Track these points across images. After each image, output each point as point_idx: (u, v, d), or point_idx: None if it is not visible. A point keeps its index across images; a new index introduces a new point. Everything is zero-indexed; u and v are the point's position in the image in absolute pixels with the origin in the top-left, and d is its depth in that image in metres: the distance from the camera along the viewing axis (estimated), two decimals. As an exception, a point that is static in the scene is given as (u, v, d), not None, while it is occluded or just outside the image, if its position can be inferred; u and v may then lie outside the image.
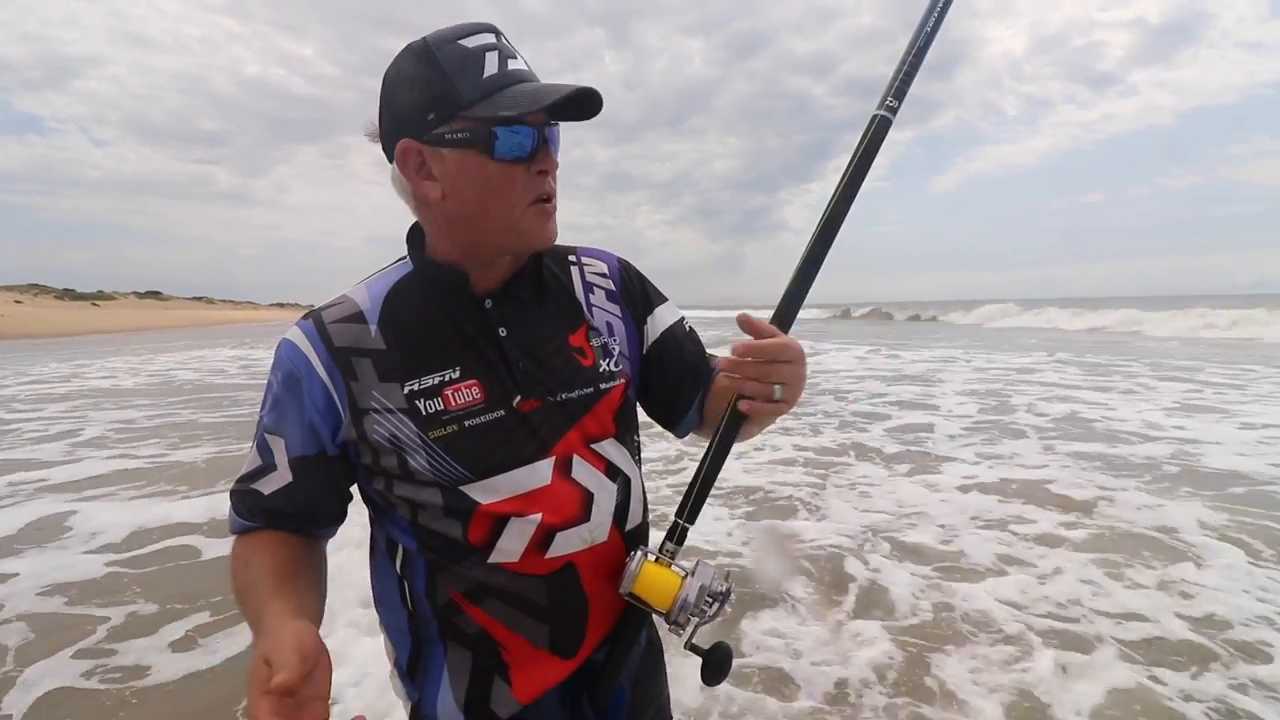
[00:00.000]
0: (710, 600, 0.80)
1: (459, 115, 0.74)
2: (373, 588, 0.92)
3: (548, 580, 0.83)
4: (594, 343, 0.90)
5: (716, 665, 0.83)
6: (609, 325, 0.93)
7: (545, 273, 0.91)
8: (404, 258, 0.88)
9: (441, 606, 0.84)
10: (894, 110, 0.85)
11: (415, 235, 0.87)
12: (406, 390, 0.79)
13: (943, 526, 3.93)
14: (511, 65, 0.76)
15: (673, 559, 0.84)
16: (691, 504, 0.85)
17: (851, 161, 0.85)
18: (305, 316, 0.83)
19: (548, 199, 0.81)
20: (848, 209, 0.85)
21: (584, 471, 0.85)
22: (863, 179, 0.86)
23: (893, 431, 6.64)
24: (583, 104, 0.77)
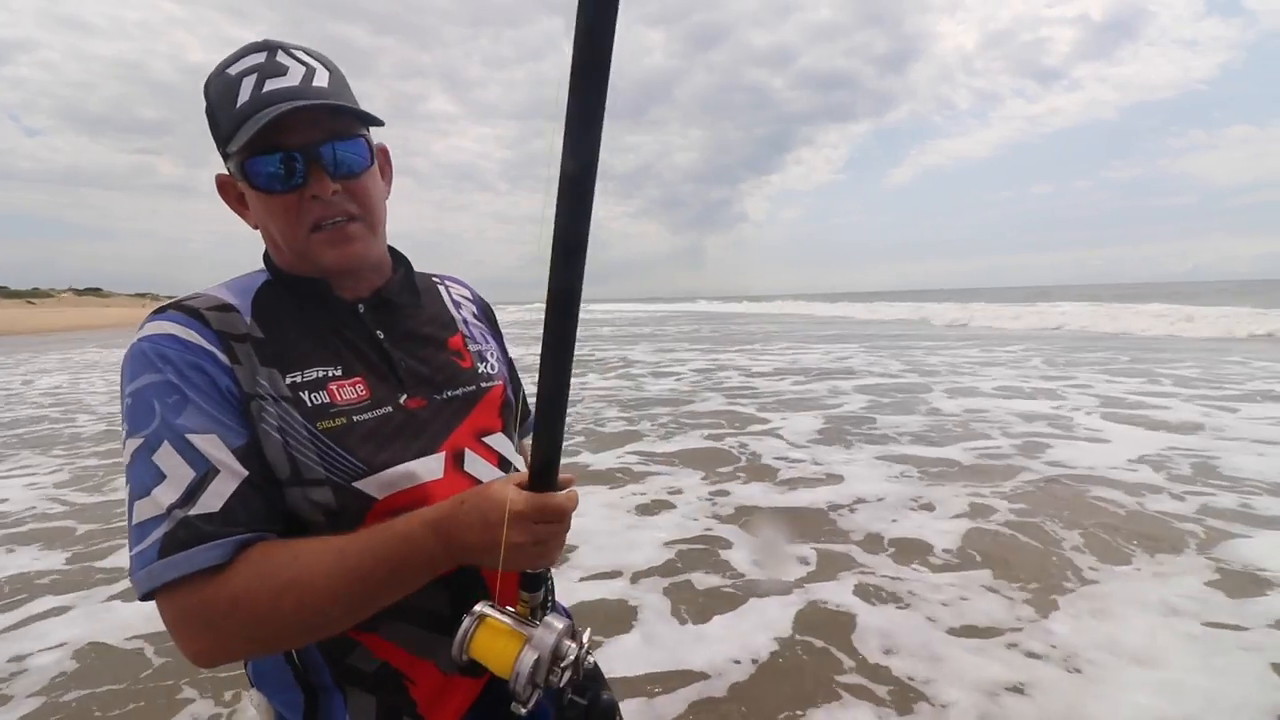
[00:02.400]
0: (557, 670, 0.67)
1: (225, 152, 0.75)
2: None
3: (450, 584, 0.75)
4: (471, 348, 0.92)
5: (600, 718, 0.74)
6: (483, 336, 0.97)
7: (419, 282, 0.93)
8: (261, 269, 0.84)
9: (331, 647, 0.76)
10: None
11: (267, 252, 0.85)
12: (289, 380, 0.74)
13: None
14: (270, 86, 0.72)
15: (524, 610, 0.72)
16: None
17: None
18: (160, 312, 0.75)
19: (330, 224, 0.77)
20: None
21: (476, 464, 0.83)
22: None
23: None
24: (331, 120, 0.75)
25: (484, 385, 0.89)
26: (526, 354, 0.89)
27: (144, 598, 0.66)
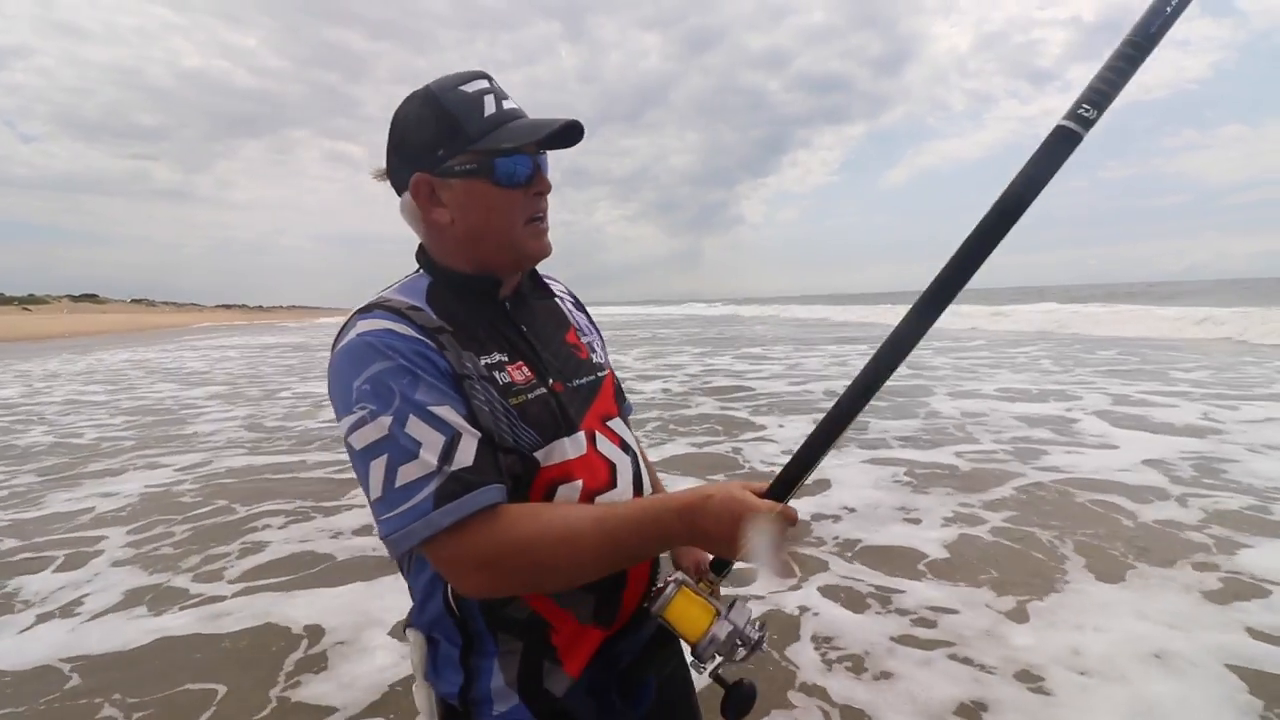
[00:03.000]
0: (740, 644, 0.80)
1: (466, 150, 0.86)
2: (412, 592, 0.95)
3: None
4: (583, 340, 1.05)
5: (738, 702, 0.86)
6: (588, 327, 1.11)
7: (540, 284, 1.07)
8: (417, 271, 0.96)
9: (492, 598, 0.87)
10: (1086, 122, 0.73)
11: (423, 255, 0.96)
12: (483, 362, 0.86)
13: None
14: (506, 105, 0.89)
15: (711, 591, 0.85)
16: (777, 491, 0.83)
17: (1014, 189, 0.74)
18: (367, 312, 0.86)
19: (541, 218, 0.92)
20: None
21: (606, 445, 0.95)
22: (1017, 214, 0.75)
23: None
24: (568, 135, 0.90)
25: (600, 374, 1.02)
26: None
27: (413, 549, 0.77)
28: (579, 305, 1.16)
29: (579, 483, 0.89)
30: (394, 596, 3.25)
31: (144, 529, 4.39)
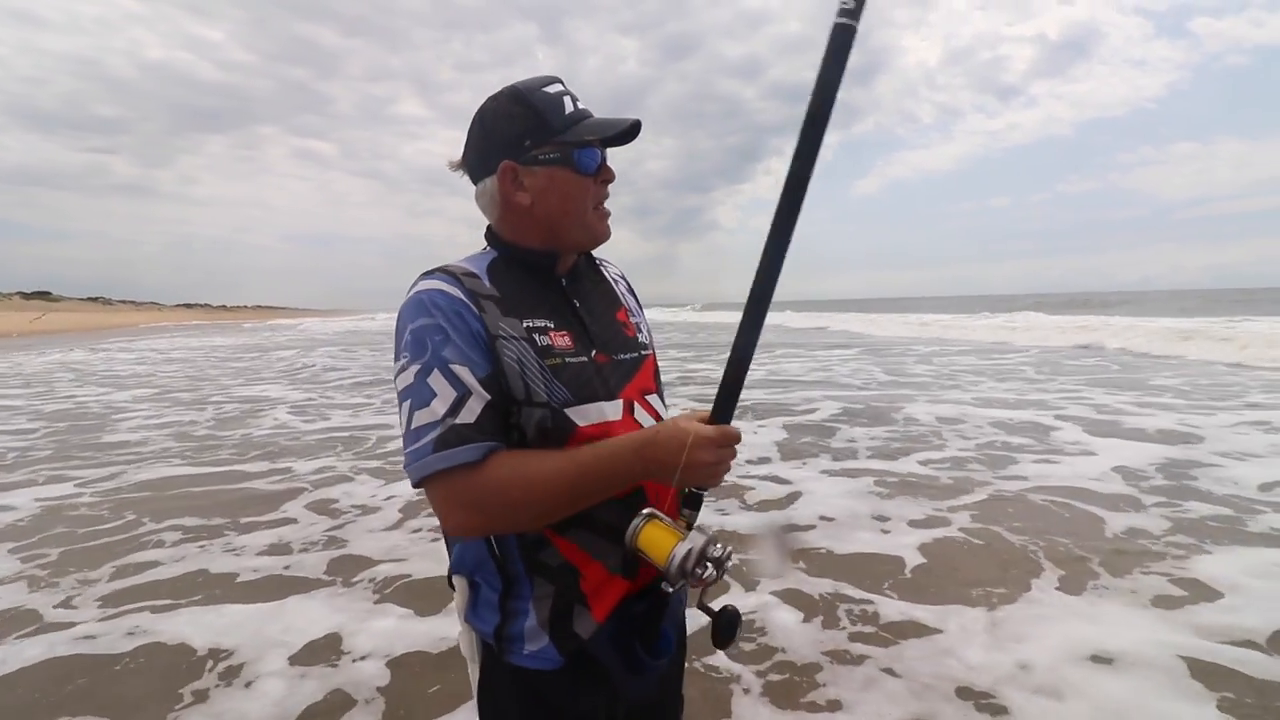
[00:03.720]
0: (706, 563, 0.86)
1: (550, 141, 0.98)
2: (449, 541, 1.07)
3: (624, 503, 0.95)
4: (632, 320, 1.14)
5: (725, 625, 0.92)
6: (637, 309, 1.20)
7: (594, 266, 1.17)
8: (484, 249, 1.07)
9: (530, 543, 0.97)
10: (854, 14, 0.82)
11: (492, 235, 1.07)
12: (525, 325, 0.96)
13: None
14: (579, 105, 1.01)
15: (682, 522, 0.91)
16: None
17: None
18: (430, 274, 0.99)
19: (605, 204, 1.05)
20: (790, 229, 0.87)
21: (642, 415, 1.04)
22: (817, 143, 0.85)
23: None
24: (631, 132, 1.02)
25: (643, 353, 1.11)
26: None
27: (417, 484, 0.89)
28: (631, 290, 1.23)
29: None
30: (294, 618, 2.99)
31: (22, 550, 3.93)
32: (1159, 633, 2.68)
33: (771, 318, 0.97)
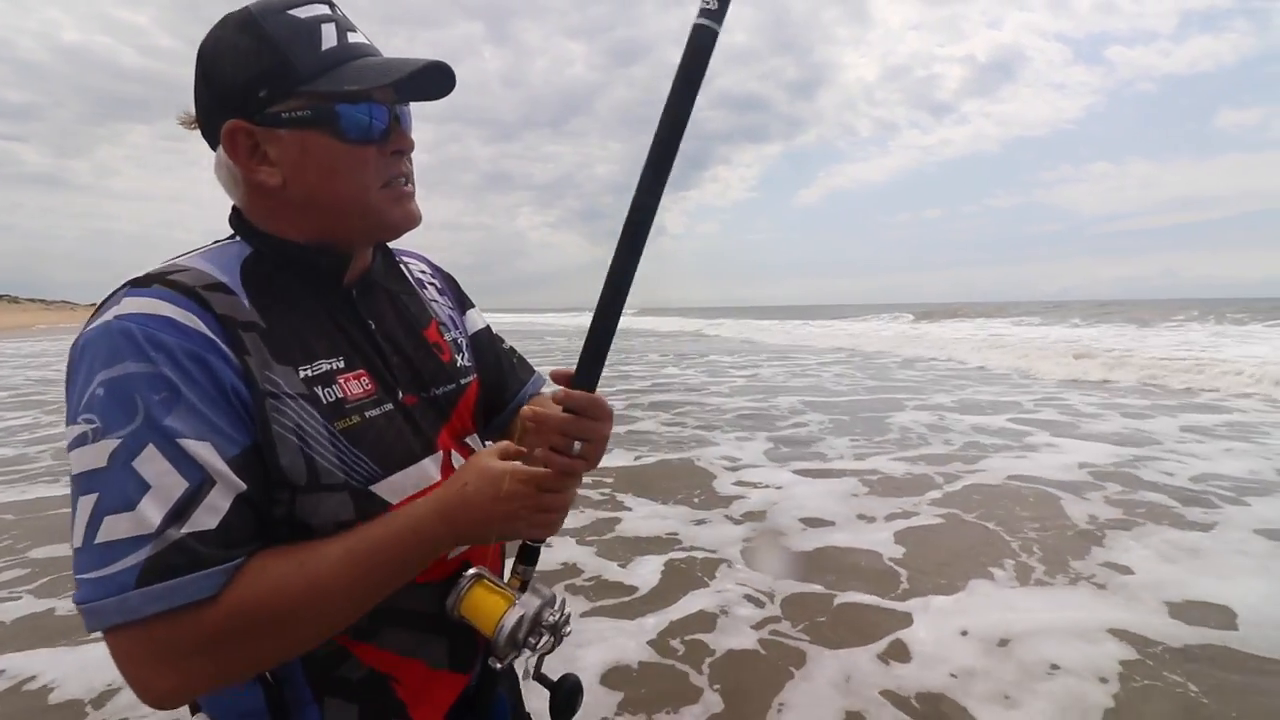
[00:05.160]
0: (540, 632, 0.73)
1: (296, 92, 0.68)
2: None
3: (442, 586, 0.77)
4: (446, 338, 0.89)
5: (564, 698, 0.80)
6: (451, 319, 0.93)
7: (392, 266, 0.89)
8: (231, 237, 0.75)
9: (320, 660, 0.70)
10: (717, 18, 0.71)
11: (238, 220, 0.75)
12: (303, 375, 0.68)
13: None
14: (351, 38, 0.71)
15: (516, 582, 0.77)
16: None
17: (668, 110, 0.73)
18: (142, 285, 0.63)
19: (403, 180, 0.75)
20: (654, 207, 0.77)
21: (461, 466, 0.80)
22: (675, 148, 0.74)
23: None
24: (435, 80, 0.73)
25: (463, 382, 0.88)
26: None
27: (104, 630, 0.57)
28: (447, 288, 0.97)
29: None
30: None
31: None
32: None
33: (651, 322, 0.74)
